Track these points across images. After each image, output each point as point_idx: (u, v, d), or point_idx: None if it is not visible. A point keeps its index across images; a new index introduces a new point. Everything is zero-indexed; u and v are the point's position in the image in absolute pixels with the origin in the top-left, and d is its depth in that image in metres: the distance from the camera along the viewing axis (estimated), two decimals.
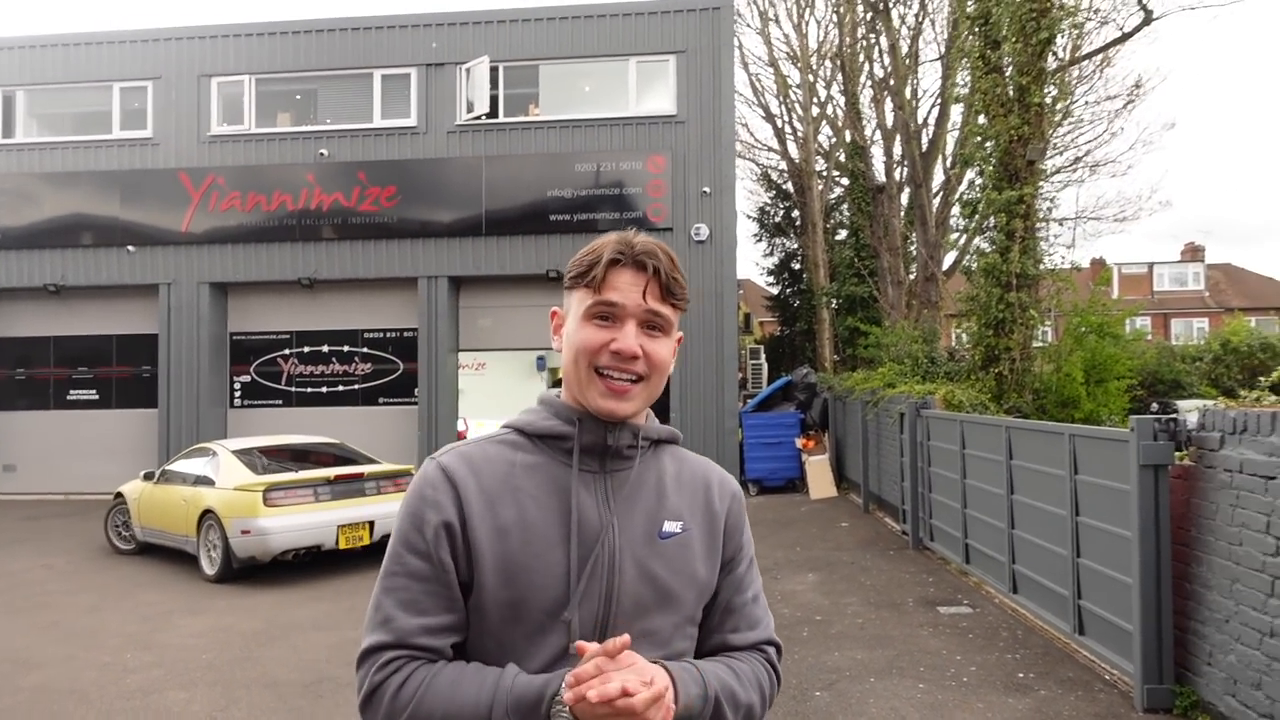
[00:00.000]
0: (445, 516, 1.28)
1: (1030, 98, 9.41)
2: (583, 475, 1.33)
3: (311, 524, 8.32)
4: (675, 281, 1.33)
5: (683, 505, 1.38)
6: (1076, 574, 5.84)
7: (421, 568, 1.28)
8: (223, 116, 15.50)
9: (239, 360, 15.53)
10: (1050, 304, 10.51)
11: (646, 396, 1.34)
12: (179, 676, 5.65)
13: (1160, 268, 42.18)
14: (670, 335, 1.35)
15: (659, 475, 1.39)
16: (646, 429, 1.38)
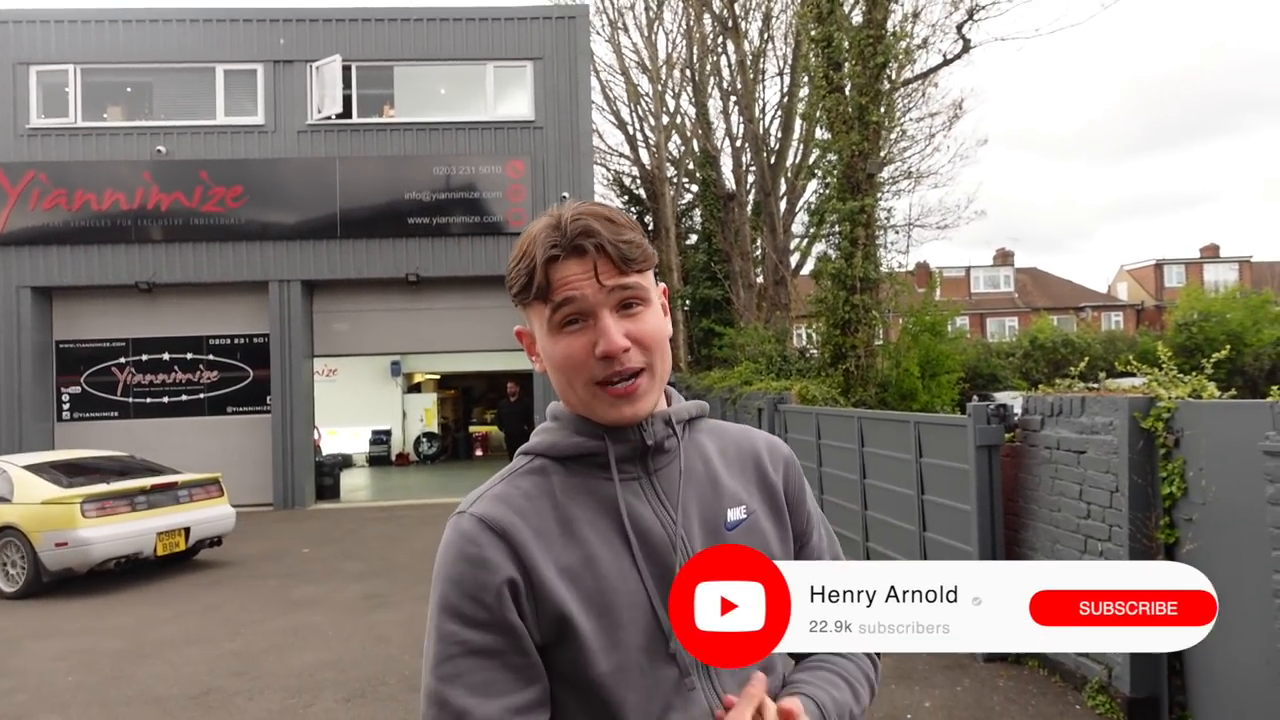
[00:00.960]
0: (505, 574, 1.08)
1: (869, 116, 10.25)
2: (628, 485, 1.17)
3: (131, 533, 8.48)
4: (628, 245, 1.13)
5: (739, 486, 1.23)
6: (923, 546, 6.51)
7: (487, 642, 1.08)
8: (44, 108, 14.40)
9: (67, 370, 14.47)
10: (889, 305, 11.46)
11: (658, 383, 1.17)
12: (47, 699, 5.39)
13: (976, 271, 45.94)
14: (651, 303, 1.16)
15: (705, 459, 1.23)
16: (675, 410, 1.22)
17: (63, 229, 14.00)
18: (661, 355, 1.17)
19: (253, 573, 9.08)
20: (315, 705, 5.12)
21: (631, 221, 1.17)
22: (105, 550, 8.28)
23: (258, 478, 14.27)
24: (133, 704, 5.25)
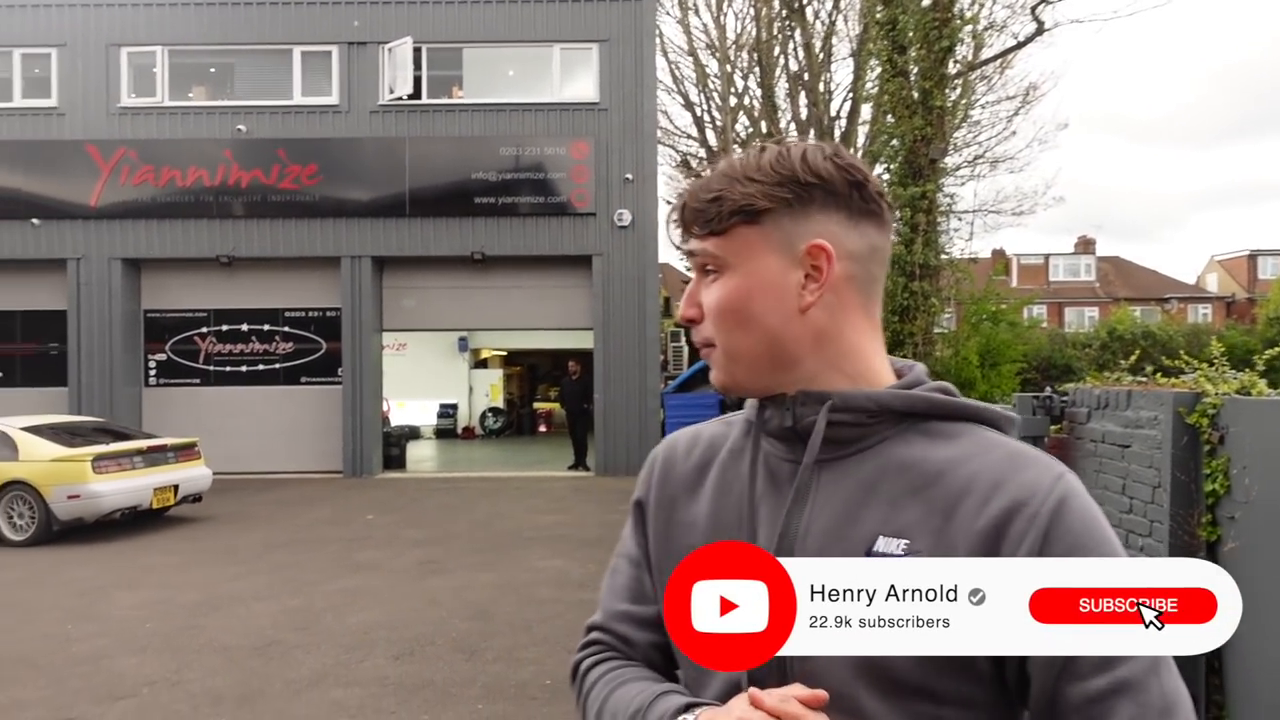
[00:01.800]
0: (638, 495, 1.14)
1: (933, 101, 10.12)
2: (782, 466, 1.02)
3: (134, 487, 9.60)
4: (707, 203, 0.98)
5: (915, 516, 0.94)
6: None
7: (630, 549, 1.14)
8: (133, 88, 15.10)
9: (154, 338, 15.23)
10: (950, 293, 11.32)
11: (731, 359, 1.01)
12: (126, 645, 5.81)
13: (1055, 259, 44.62)
14: (734, 270, 0.98)
15: (892, 466, 0.96)
16: (876, 395, 0.97)
17: (150, 204, 14.70)
18: (736, 330, 0.98)
19: (319, 536, 9.52)
20: (367, 661, 5.42)
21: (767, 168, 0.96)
22: (113, 502, 9.37)
23: (328, 446, 14.86)
24: (202, 652, 5.64)
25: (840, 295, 0.97)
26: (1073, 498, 0.92)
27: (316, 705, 4.76)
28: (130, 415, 14.72)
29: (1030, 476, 0.92)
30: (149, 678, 5.20)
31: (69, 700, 4.89)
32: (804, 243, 0.96)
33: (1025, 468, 0.93)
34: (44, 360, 15.11)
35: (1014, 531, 0.91)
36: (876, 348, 1.02)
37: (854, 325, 0.99)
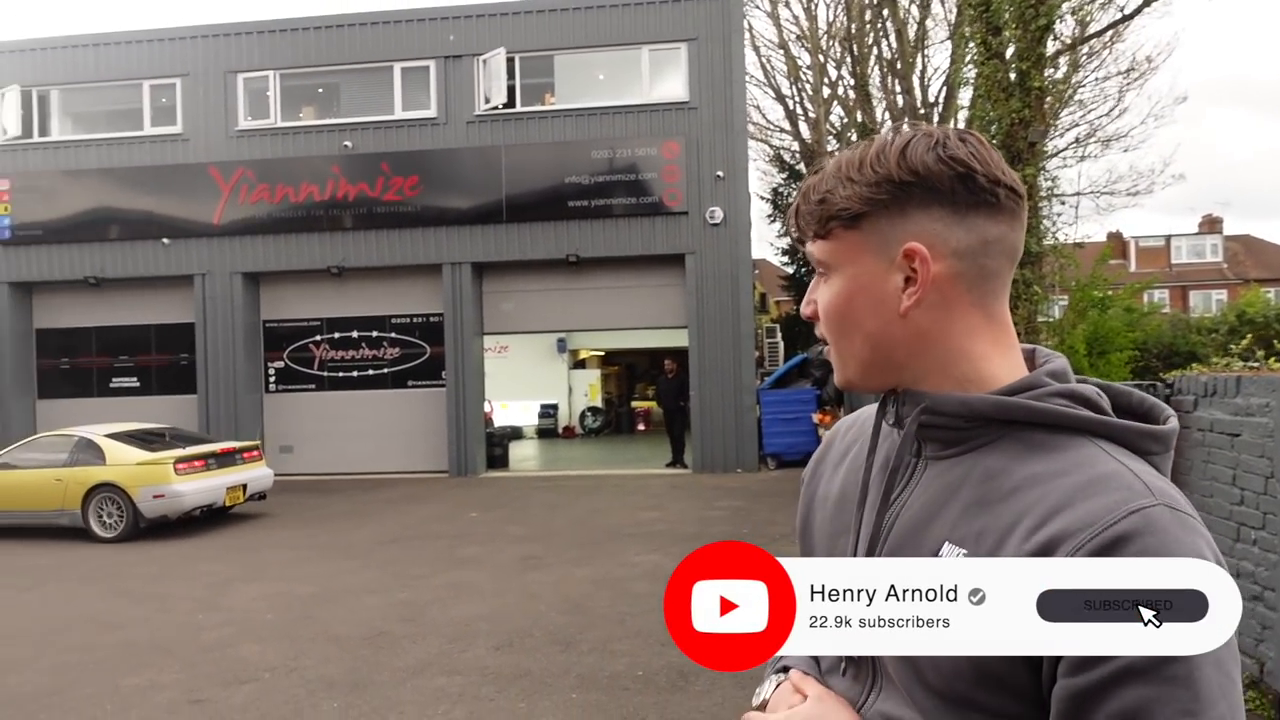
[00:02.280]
0: (807, 472, 1.20)
1: (1030, 82, 9.76)
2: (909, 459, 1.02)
3: (210, 487, 10.41)
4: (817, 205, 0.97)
5: (978, 529, 0.92)
6: None
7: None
8: (249, 111, 16.00)
9: (272, 347, 16.12)
10: (1053, 280, 10.89)
11: (845, 359, 1.01)
12: (249, 633, 6.23)
13: (1178, 240, 42.16)
14: (840, 272, 0.97)
15: (974, 474, 0.94)
16: (968, 400, 0.93)
17: (266, 220, 15.57)
18: (845, 332, 0.98)
19: (426, 533, 9.92)
20: (469, 651, 5.66)
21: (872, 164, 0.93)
22: (193, 500, 10.19)
23: (434, 447, 15.43)
24: (316, 640, 5.99)
25: (946, 295, 0.93)
26: (1133, 537, 0.83)
27: (421, 692, 5.01)
28: (252, 420, 15.64)
29: (1096, 505, 0.84)
30: (269, 664, 5.56)
31: (199, 684, 5.28)
32: (900, 245, 0.93)
33: (1094, 496, 0.85)
34: (175, 370, 16.20)
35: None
36: (992, 347, 0.96)
37: (964, 325, 0.95)
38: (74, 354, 16.51)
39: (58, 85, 16.44)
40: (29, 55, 16.35)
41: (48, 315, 16.61)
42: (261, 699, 4.99)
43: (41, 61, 16.32)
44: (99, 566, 8.73)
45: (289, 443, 15.91)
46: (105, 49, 16.25)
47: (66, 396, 16.42)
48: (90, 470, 10.24)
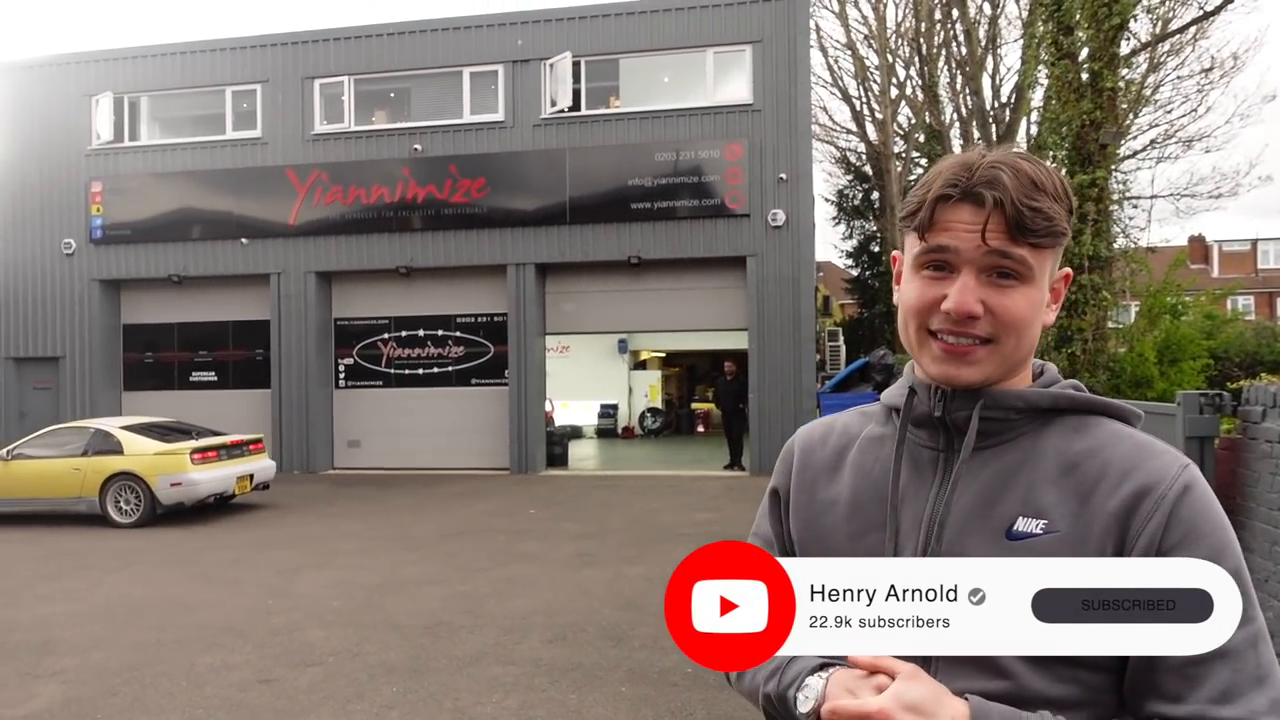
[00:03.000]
0: (774, 483, 1.28)
1: (1103, 82, 9.55)
2: (922, 453, 1.13)
3: (222, 476, 11.06)
4: (1034, 212, 1.02)
5: (1054, 499, 1.04)
6: None
7: (764, 529, 1.29)
8: (324, 116, 16.52)
9: (343, 344, 16.63)
10: (1124, 285, 10.62)
11: (999, 361, 1.07)
12: (316, 619, 6.48)
13: (1265, 244, 40.43)
14: (1034, 282, 1.06)
15: (1032, 456, 1.07)
16: (1023, 393, 1.08)
17: (339, 221, 16.06)
18: (1018, 338, 1.06)
19: (486, 527, 10.14)
20: (523, 643, 5.80)
21: (1060, 192, 1.05)
22: (208, 488, 10.82)
23: (496, 444, 15.73)
24: (379, 628, 6.21)
25: None
26: (1196, 485, 1.01)
27: (477, 680, 5.16)
28: (323, 415, 16.16)
29: (1159, 464, 1.02)
30: (334, 649, 5.79)
31: (268, 665, 5.53)
32: (1059, 268, 1.11)
33: (1154, 456, 1.03)
34: (251, 365, 16.82)
35: (1143, 511, 1.00)
36: None
37: None
38: (157, 348, 17.28)
39: (147, 92, 17.23)
40: (121, 64, 17.16)
41: (134, 311, 17.41)
42: (326, 681, 5.21)
43: (132, 70, 17.12)
44: (175, 553, 9.15)
45: (356, 438, 16.39)
46: (191, 57, 16.97)
47: (150, 389, 17.19)
48: (108, 460, 10.86)
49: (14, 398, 17.22)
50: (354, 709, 4.79)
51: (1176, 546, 0.99)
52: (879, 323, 25.42)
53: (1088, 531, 1.02)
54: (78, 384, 16.96)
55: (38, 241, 17.18)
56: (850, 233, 28.01)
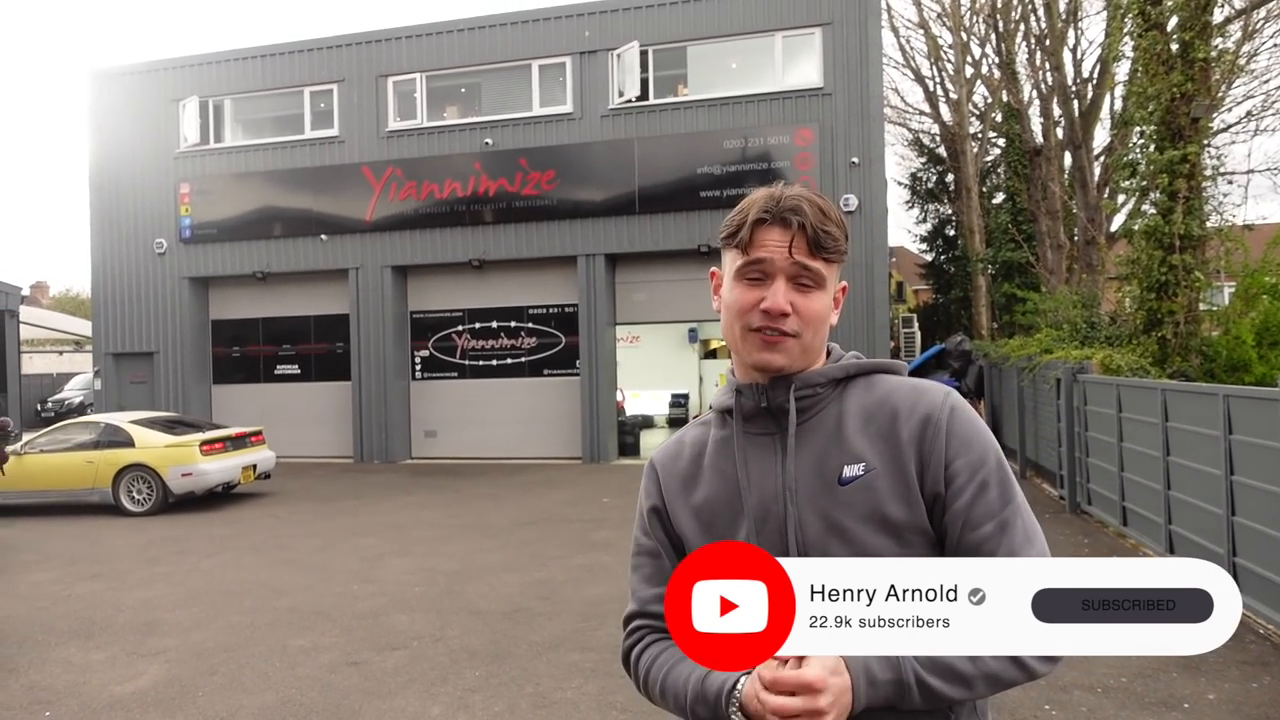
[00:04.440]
0: (652, 502, 1.47)
1: (1194, 53, 9.11)
2: (759, 439, 1.37)
3: (230, 466, 11.69)
4: (825, 235, 1.32)
5: (865, 444, 1.30)
6: (1232, 532, 5.92)
7: (649, 545, 1.47)
8: (398, 112, 16.85)
9: (418, 337, 16.98)
10: (1218, 265, 10.14)
11: (801, 350, 1.34)
12: (399, 604, 6.66)
13: None
14: (825, 288, 1.34)
15: (840, 416, 1.34)
16: (823, 371, 1.36)
17: (413, 215, 16.39)
18: (813, 332, 1.34)
19: (561, 516, 10.27)
20: (601, 629, 5.86)
21: (840, 221, 1.35)
22: (217, 478, 11.42)
23: (568, 434, 15.88)
24: (459, 613, 6.35)
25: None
26: (959, 407, 1.33)
27: (556, 665, 5.24)
28: (401, 406, 16.55)
29: (930, 398, 1.33)
30: (417, 633, 5.95)
31: (355, 648, 5.70)
32: (839, 281, 1.41)
33: (925, 393, 1.34)
34: (332, 358, 17.31)
35: (929, 434, 1.29)
36: None
37: None
38: (243, 343, 17.91)
39: (230, 95, 17.82)
40: (204, 68, 17.79)
41: (221, 307, 18.08)
42: (411, 665, 5.35)
43: (215, 73, 17.73)
44: (264, 540, 9.49)
45: (432, 428, 16.74)
46: (270, 59, 17.48)
47: (237, 382, 17.84)
48: (120, 452, 11.37)
49: (113, 392, 18.06)
50: (438, 691, 4.91)
51: (956, 455, 1.28)
52: (954, 308, 24.83)
53: (896, 461, 1.28)
54: (170, 378, 17.71)
55: (132, 242, 17.95)
56: (924, 216, 27.40)
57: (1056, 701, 4.53)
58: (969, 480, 1.26)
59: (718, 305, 1.41)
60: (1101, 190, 16.40)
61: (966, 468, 1.27)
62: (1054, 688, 4.69)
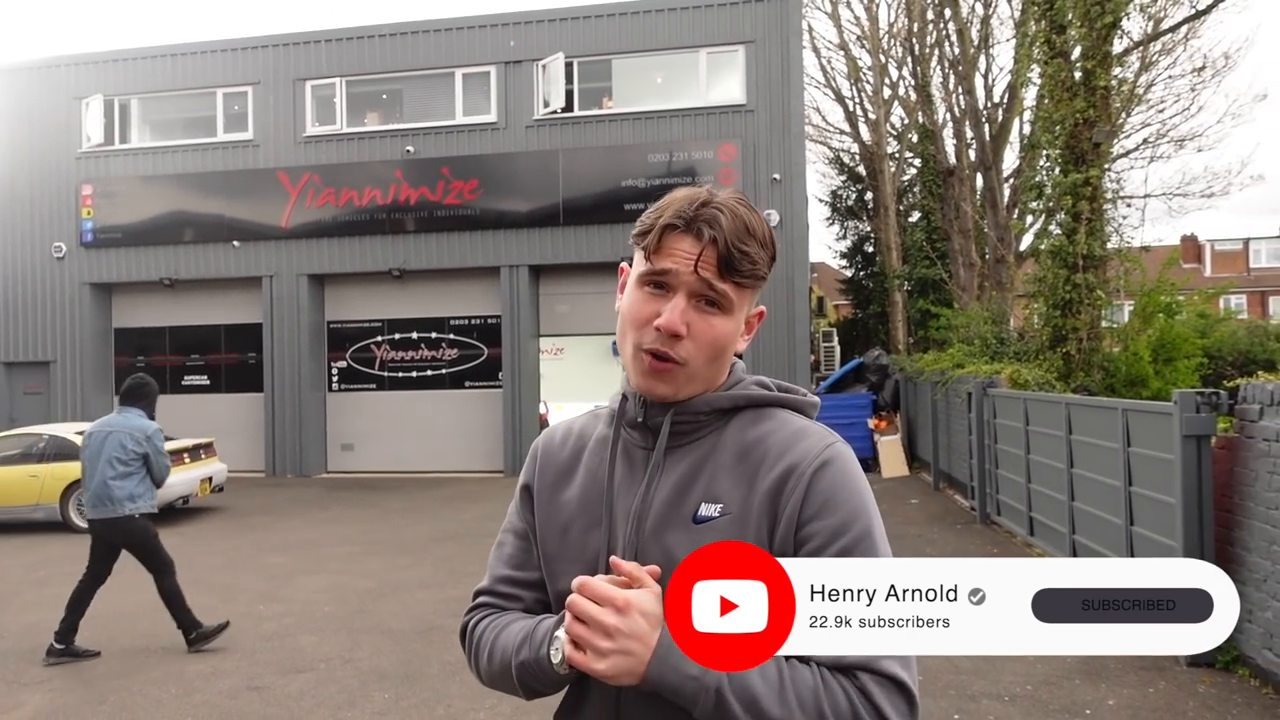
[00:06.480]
0: (525, 480, 1.37)
1: (1096, 81, 9.53)
2: (637, 452, 1.27)
3: (187, 479, 11.07)
4: (740, 255, 1.16)
5: (730, 486, 1.18)
6: (1130, 540, 6.14)
7: (518, 526, 1.37)
8: (316, 117, 16.45)
9: (336, 347, 16.54)
10: (1118, 284, 10.61)
11: (688, 379, 1.21)
12: (307, 624, 6.42)
13: (1257, 243, 40.56)
14: (730, 313, 1.20)
15: (715, 450, 1.22)
16: (708, 399, 1.23)
17: (331, 223, 15.98)
18: (710, 361, 1.21)
19: (481, 531, 10.09)
20: None
21: (767, 240, 1.20)
22: (177, 492, 10.75)
23: (490, 447, 15.67)
24: (370, 633, 6.15)
25: None
26: (835, 460, 1.17)
27: (469, 686, 5.10)
28: (316, 418, 16.08)
29: (805, 445, 1.18)
30: (325, 655, 5.73)
31: (258, 671, 5.47)
32: (755, 307, 1.28)
33: (804, 439, 1.19)
34: (243, 369, 16.73)
35: (788, 488, 1.15)
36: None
37: None
38: (149, 352, 17.17)
39: (137, 94, 17.12)
40: (111, 66, 17.07)
41: (125, 315, 17.30)
42: (317, 688, 5.15)
43: (122, 72, 17.02)
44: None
45: (350, 441, 16.31)
46: (181, 59, 16.88)
47: None
48: (69, 466, 10.44)
49: (4, 402, 17.10)
50: (345, 716, 4.73)
51: (815, 516, 1.13)
52: (873, 323, 25.40)
53: (750, 509, 1.16)
54: (69, 389, 16.85)
55: (28, 245, 17.07)
56: (844, 233, 27.99)
57: (965, 710, 4.61)
58: (824, 546, 1.12)
59: (619, 305, 1.29)
60: (1010, 211, 17.03)
61: (824, 531, 1.12)
62: (962, 696, 4.77)
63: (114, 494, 5.68)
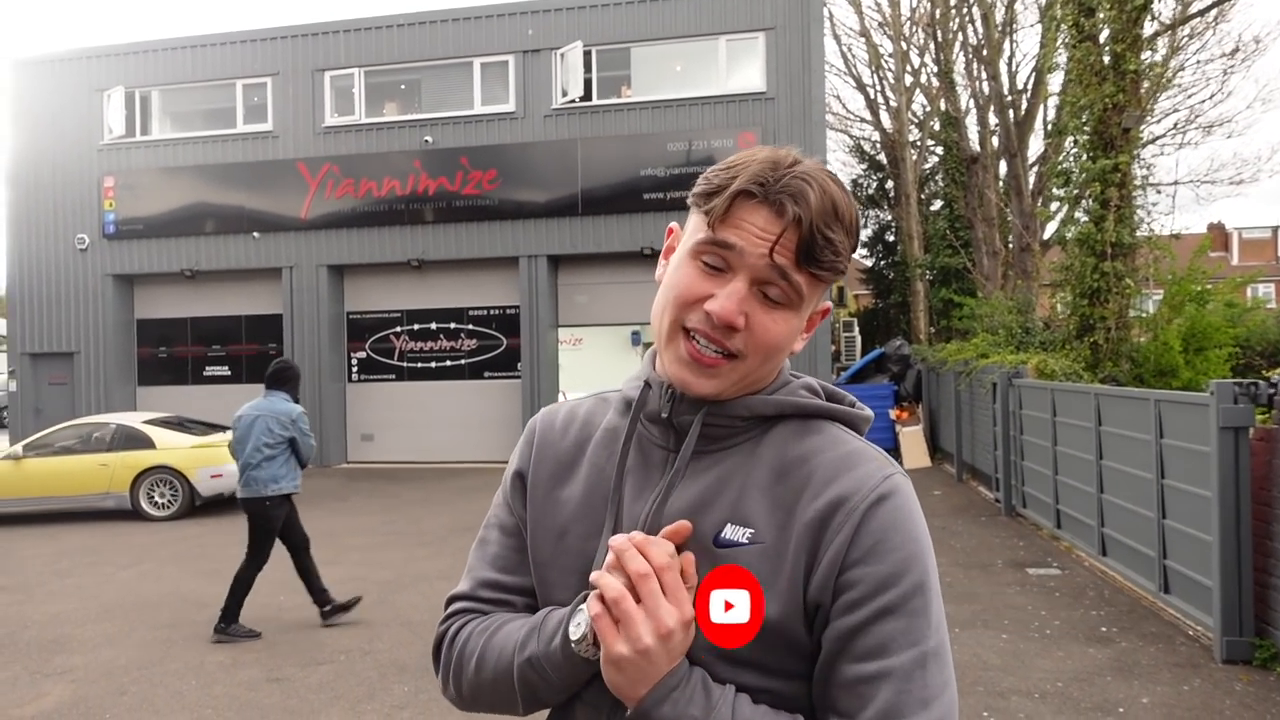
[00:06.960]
0: (519, 466, 1.17)
1: (1125, 65, 9.32)
2: (654, 451, 1.08)
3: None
4: (825, 243, 0.96)
5: (761, 507, 1.00)
6: (1162, 534, 6.01)
7: (504, 519, 1.18)
8: (335, 108, 16.43)
9: (355, 338, 16.57)
10: (1147, 273, 10.41)
11: (738, 379, 1.02)
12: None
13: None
14: (798, 310, 1.01)
15: (749, 462, 1.03)
16: (748, 403, 1.04)
17: (350, 214, 15.98)
18: (762, 359, 1.01)
19: None
20: None
21: (853, 226, 0.99)
22: (231, 484, 10.37)
23: (508, 437, 15.63)
24: (390, 625, 6.13)
25: None
26: (894, 496, 0.98)
27: None
28: (336, 409, 16.12)
29: (859, 474, 0.99)
30: (345, 647, 5.71)
31: (278, 663, 5.45)
32: (823, 302, 1.07)
33: (858, 466, 0.99)
34: (264, 359, 16.74)
35: (835, 523, 0.96)
36: None
37: None
38: (171, 343, 17.27)
39: (158, 86, 17.18)
40: (132, 58, 17.12)
41: (147, 306, 17.41)
42: (336, 680, 5.13)
43: (143, 64, 17.08)
44: (186, 549, 9.10)
45: (369, 431, 16.34)
46: (201, 50, 16.91)
47: (164, 384, 17.19)
48: (140, 454, 10.91)
49: (30, 393, 17.26)
50: (364, 709, 4.70)
51: (861, 560, 0.95)
52: (894, 313, 25.19)
53: (784, 542, 0.98)
54: (92, 379, 16.98)
55: (51, 237, 17.19)
56: (865, 222, 27.73)
57: (994, 708, 4.51)
58: (868, 597, 0.93)
59: (660, 273, 1.08)
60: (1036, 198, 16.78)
61: (869, 580, 0.94)
62: (991, 693, 4.68)
63: (259, 475, 6.02)
